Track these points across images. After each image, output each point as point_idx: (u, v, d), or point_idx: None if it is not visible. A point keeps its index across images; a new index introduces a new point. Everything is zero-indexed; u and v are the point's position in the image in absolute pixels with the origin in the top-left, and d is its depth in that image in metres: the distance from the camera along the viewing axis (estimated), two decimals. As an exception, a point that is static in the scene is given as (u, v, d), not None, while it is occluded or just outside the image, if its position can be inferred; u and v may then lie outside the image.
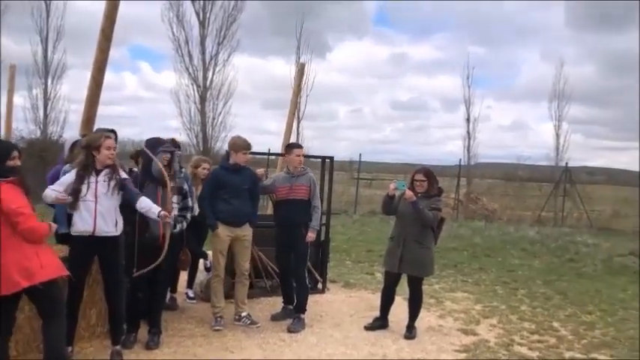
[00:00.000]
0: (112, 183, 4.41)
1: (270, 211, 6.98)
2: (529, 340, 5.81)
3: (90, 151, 4.38)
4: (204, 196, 5.65)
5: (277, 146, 9.52)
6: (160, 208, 4.57)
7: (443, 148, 53.29)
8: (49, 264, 3.80)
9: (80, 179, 4.33)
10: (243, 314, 5.72)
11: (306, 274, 6.29)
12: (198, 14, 19.05)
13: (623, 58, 43.19)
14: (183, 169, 5.59)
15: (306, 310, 5.95)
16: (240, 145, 5.63)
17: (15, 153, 3.85)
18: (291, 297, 6.12)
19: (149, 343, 4.92)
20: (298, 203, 5.89)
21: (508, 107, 63.86)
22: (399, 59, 49.87)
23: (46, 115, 20.45)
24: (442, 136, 50.27)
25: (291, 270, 6.06)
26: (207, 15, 19.10)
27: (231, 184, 5.59)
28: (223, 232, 5.59)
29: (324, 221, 7.54)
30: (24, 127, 20.30)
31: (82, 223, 4.33)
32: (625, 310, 7.26)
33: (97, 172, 4.39)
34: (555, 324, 6.44)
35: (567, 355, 5.42)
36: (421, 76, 57.51)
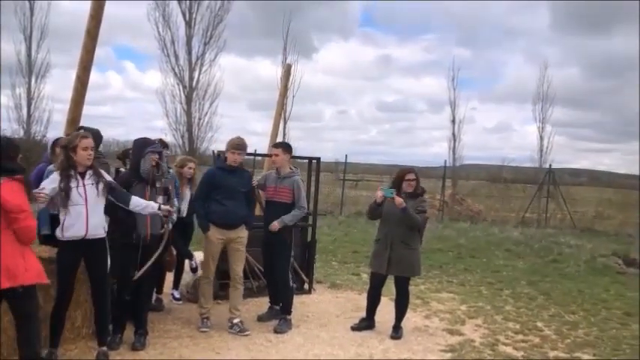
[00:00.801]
0: (100, 186, 4.40)
1: (258, 211, 6.96)
2: (514, 339, 5.87)
3: (68, 152, 4.34)
4: (199, 196, 5.58)
5: (264, 147, 9.51)
6: (156, 204, 4.66)
7: (429, 149, 53.58)
8: (32, 268, 3.77)
9: (67, 178, 4.28)
10: (235, 321, 5.57)
11: (292, 275, 6.29)
12: (184, 14, 18.99)
13: (607, 60, 43.73)
14: (171, 170, 5.57)
15: (291, 311, 5.93)
16: (231, 143, 5.52)
17: None
18: (277, 298, 6.11)
19: (135, 344, 4.89)
20: (281, 206, 5.82)
21: (493, 109, 64.43)
22: (384, 60, 50.05)
23: (29, 115, 20.23)
24: (428, 138, 50.60)
25: (277, 272, 6.00)
26: (194, 15, 19.04)
27: (226, 185, 5.46)
28: (214, 234, 5.47)
29: (310, 222, 7.58)
30: (7, 127, 20.07)
31: (74, 229, 4.29)
32: (607, 310, 7.36)
33: (82, 176, 4.35)
34: (539, 324, 6.52)
35: (551, 354, 5.49)
36: (407, 78, 57.69)
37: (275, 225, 5.74)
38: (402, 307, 5.86)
